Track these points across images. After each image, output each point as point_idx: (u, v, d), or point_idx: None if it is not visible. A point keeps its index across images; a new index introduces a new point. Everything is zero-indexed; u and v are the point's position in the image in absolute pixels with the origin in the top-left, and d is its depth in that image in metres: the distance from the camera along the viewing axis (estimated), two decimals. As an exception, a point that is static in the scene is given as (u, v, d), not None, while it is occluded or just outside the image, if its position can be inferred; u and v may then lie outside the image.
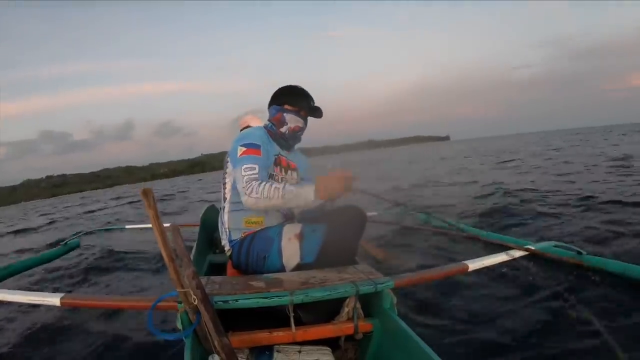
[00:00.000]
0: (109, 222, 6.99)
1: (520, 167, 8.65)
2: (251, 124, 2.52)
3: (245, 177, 1.35)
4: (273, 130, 1.60)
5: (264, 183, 1.33)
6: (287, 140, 1.62)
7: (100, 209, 11.81)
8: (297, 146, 1.72)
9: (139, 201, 11.23)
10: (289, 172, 1.59)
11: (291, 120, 1.57)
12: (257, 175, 1.36)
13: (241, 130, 2.54)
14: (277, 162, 1.54)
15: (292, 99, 1.58)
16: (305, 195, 1.31)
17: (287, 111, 1.57)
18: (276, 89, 1.64)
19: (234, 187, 1.49)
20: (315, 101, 1.64)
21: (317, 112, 1.62)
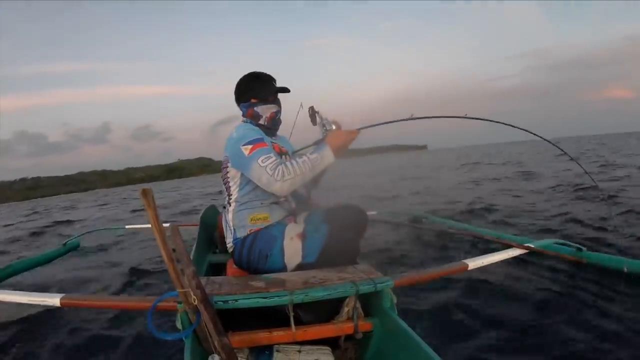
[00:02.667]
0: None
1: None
2: None
3: (269, 167, 1.34)
4: (253, 124, 1.59)
5: (289, 163, 1.35)
6: (270, 128, 1.63)
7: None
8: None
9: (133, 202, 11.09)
10: (283, 157, 1.60)
11: (264, 111, 1.59)
12: (277, 161, 1.36)
13: None
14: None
15: (256, 92, 1.59)
16: (327, 155, 1.40)
17: (256, 104, 1.59)
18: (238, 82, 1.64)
19: (241, 187, 1.50)
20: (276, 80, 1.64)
21: (284, 90, 1.65)
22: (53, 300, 1.36)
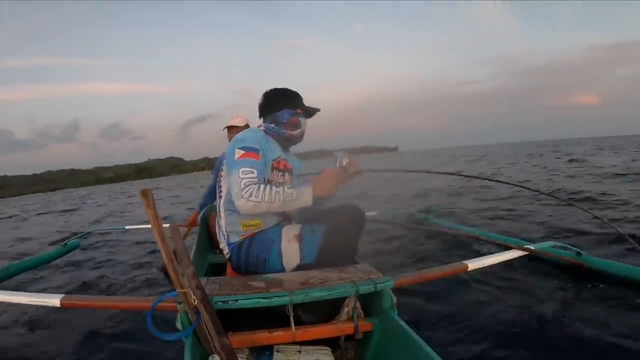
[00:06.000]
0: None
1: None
2: (233, 122, 2.56)
3: (244, 181, 1.31)
4: (280, 133, 1.56)
5: (264, 186, 1.31)
6: (294, 143, 1.61)
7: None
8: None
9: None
10: (286, 173, 1.56)
11: (304, 123, 1.59)
12: (255, 179, 1.33)
13: (228, 133, 2.57)
14: (275, 166, 1.51)
15: (301, 103, 1.58)
16: (305, 197, 1.32)
17: (300, 114, 1.56)
18: (273, 89, 1.60)
19: (229, 191, 1.44)
20: None
21: (315, 110, 1.63)
22: (53, 300, 1.36)
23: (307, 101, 1.62)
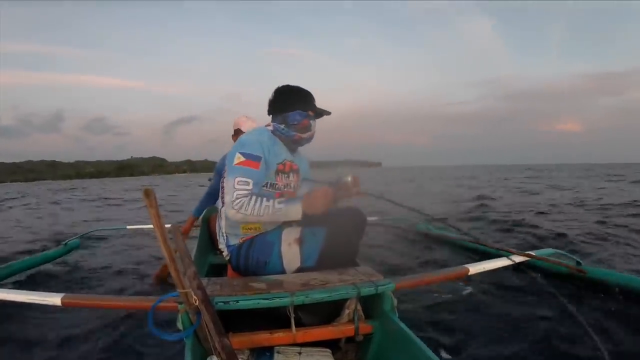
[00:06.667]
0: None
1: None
2: (242, 128, 2.39)
3: (237, 192, 1.31)
4: (289, 135, 1.51)
5: (255, 200, 1.30)
6: (302, 145, 1.57)
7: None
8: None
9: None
10: (291, 174, 1.54)
11: (314, 126, 1.54)
12: (249, 192, 1.32)
13: (233, 134, 2.44)
14: (280, 169, 1.49)
15: (313, 104, 1.53)
16: (294, 214, 1.32)
17: (311, 117, 1.52)
18: (286, 86, 1.56)
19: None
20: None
21: (326, 112, 1.58)
22: (54, 299, 1.36)
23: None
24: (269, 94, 1.56)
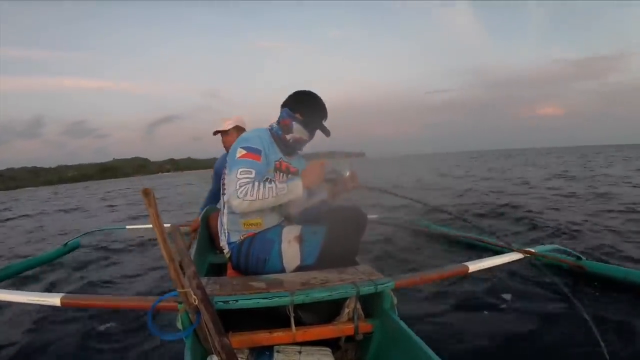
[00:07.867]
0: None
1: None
2: (225, 127, 2.42)
3: (240, 181, 1.32)
4: (278, 134, 1.55)
5: (259, 184, 1.33)
6: (288, 147, 1.58)
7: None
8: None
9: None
10: (289, 176, 1.56)
11: (297, 131, 1.53)
12: (252, 178, 1.34)
13: (215, 134, 2.46)
14: (277, 168, 1.51)
15: (307, 110, 1.53)
16: (296, 189, 1.38)
17: (298, 120, 1.53)
18: (301, 90, 1.58)
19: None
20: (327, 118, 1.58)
21: (325, 131, 1.59)
22: (53, 299, 1.36)
23: (276, 102, 1.59)
24: (249, 89, 1.59)
